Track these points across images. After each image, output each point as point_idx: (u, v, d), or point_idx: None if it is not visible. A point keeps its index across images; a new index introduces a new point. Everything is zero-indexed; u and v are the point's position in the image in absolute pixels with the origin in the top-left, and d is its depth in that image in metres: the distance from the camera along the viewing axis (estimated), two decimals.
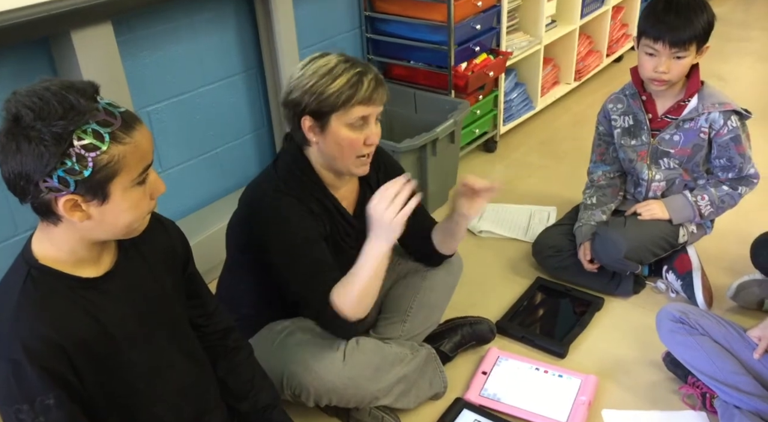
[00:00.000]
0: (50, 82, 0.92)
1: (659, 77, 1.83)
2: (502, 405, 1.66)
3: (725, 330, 1.55)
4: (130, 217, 0.99)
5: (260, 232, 1.46)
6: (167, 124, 2.12)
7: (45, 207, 0.95)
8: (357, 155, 1.43)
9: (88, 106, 0.91)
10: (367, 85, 1.37)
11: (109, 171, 0.93)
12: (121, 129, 0.93)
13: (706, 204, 1.93)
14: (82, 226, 0.96)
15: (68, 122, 0.89)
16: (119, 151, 0.93)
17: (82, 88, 0.93)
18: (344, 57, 1.41)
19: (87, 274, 1.03)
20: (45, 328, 0.95)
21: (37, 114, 0.88)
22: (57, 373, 0.96)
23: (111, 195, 0.95)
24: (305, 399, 1.50)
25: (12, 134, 0.89)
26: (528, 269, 2.19)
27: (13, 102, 0.90)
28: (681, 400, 1.66)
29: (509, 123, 3.01)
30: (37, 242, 1.01)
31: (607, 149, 2.10)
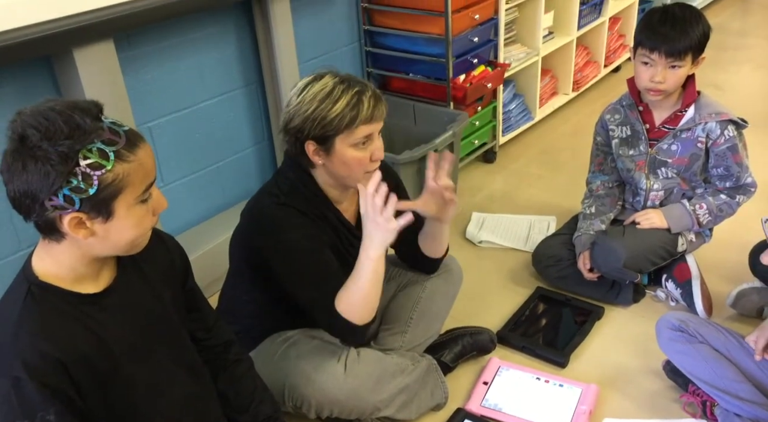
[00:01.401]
0: (55, 103, 0.94)
1: (655, 87, 1.85)
2: (503, 415, 1.66)
3: (725, 337, 1.56)
4: (133, 233, 1.00)
5: (262, 244, 1.46)
6: (168, 139, 2.14)
7: (49, 225, 0.96)
8: (365, 171, 1.45)
9: (93, 125, 0.93)
10: (368, 104, 1.38)
11: (114, 189, 0.94)
12: (126, 148, 0.95)
13: (704, 213, 1.94)
14: (86, 243, 0.98)
15: (74, 142, 0.91)
16: (123, 169, 0.95)
17: (87, 107, 0.95)
18: (339, 77, 1.41)
19: (87, 290, 1.04)
20: (45, 344, 0.96)
21: (44, 134, 0.90)
22: (57, 389, 0.96)
23: (115, 212, 0.96)
24: (306, 411, 1.51)
25: (18, 153, 0.91)
26: (528, 279, 2.19)
27: (18, 122, 0.92)
28: (682, 409, 1.66)
29: (508, 134, 3.03)
30: (38, 259, 1.02)
31: (606, 159, 2.11)
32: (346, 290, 1.40)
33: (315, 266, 1.45)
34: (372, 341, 1.73)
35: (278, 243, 1.45)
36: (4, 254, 1.82)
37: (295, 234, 1.44)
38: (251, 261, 1.53)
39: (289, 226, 1.45)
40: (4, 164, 0.93)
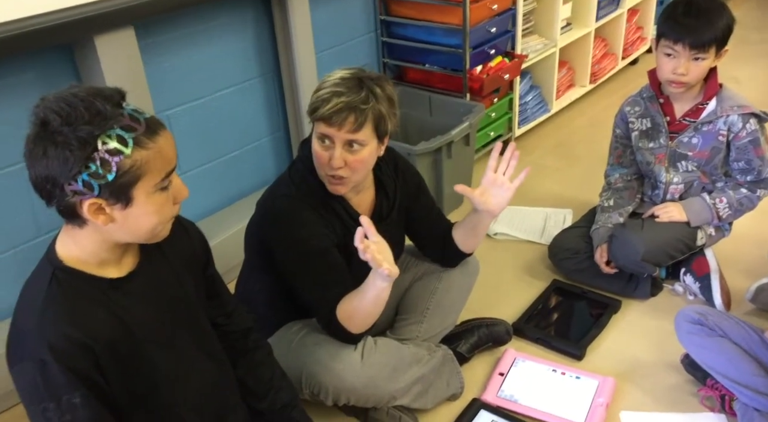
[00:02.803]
0: (78, 89, 0.94)
1: (678, 79, 1.83)
2: (519, 406, 1.66)
3: (744, 331, 1.55)
4: (153, 221, 1.01)
5: (271, 237, 1.48)
6: (186, 127, 2.15)
7: (70, 210, 0.97)
8: (325, 172, 1.45)
9: (113, 111, 0.93)
10: (332, 106, 1.36)
11: (133, 175, 0.95)
12: (145, 134, 0.95)
13: (724, 207, 1.93)
14: (106, 229, 0.98)
15: (93, 127, 0.91)
16: (142, 156, 0.95)
17: (109, 94, 0.95)
18: (356, 77, 1.40)
19: (110, 275, 1.05)
20: (70, 328, 0.97)
21: (65, 119, 0.91)
22: (82, 372, 0.97)
23: (134, 199, 0.97)
24: (324, 398, 1.51)
25: (39, 138, 0.92)
26: (544, 272, 2.18)
27: (41, 107, 0.93)
28: (700, 402, 1.65)
29: (524, 126, 3.02)
30: (62, 244, 1.03)
31: (625, 151, 2.09)
32: (349, 301, 1.41)
33: (320, 267, 1.45)
34: (388, 330, 1.74)
35: (286, 239, 1.46)
36: (24, 240, 1.84)
37: (305, 232, 1.45)
38: (263, 252, 1.53)
39: (299, 223, 1.45)
40: (26, 149, 0.94)
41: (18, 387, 0.98)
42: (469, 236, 1.67)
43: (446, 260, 1.75)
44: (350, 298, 1.41)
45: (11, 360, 0.99)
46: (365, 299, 1.38)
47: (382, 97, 1.41)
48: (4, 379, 1.01)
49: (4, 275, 1.81)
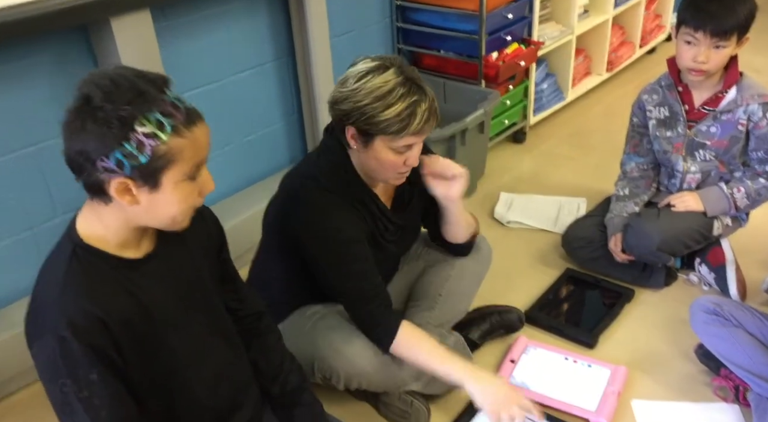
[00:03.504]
0: (125, 69, 0.95)
1: (698, 67, 1.80)
2: (530, 393, 1.66)
3: (760, 322, 1.53)
4: (176, 209, 1.01)
5: (302, 230, 1.46)
6: (201, 111, 2.14)
7: (97, 186, 0.97)
8: (396, 172, 1.44)
9: (156, 95, 0.94)
10: (420, 119, 1.34)
11: (165, 161, 0.95)
12: (183, 123, 0.95)
13: (742, 197, 1.90)
14: (130, 210, 0.99)
15: (134, 108, 0.92)
16: (177, 143, 0.95)
17: (154, 78, 0.96)
18: (403, 76, 1.35)
19: (129, 255, 1.05)
20: (90, 305, 0.98)
21: (107, 96, 0.91)
22: (100, 349, 0.98)
23: (162, 185, 0.97)
24: (335, 383, 1.52)
25: (80, 112, 0.93)
26: (557, 260, 2.18)
27: (86, 83, 0.93)
28: (713, 392, 1.64)
29: (539, 114, 2.99)
30: (83, 221, 1.04)
31: (641, 140, 2.07)
32: (418, 350, 1.44)
33: (353, 263, 1.45)
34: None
35: (317, 233, 1.44)
36: (40, 221, 1.85)
37: (337, 227, 1.44)
38: (286, 240, 1.52)
39: (332, 217, 1.44)
40: (65, 120, 0.95)
41: (37, 362, 0.99)
42: (448, 227, 1.66)
43: (450, 250, 1.75)
44: (424, 343, 1.44)
45: (31, 336, 1.00)
46: (434, 366, 1.43)
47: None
48: (22, 356, 1.02)
49: (21, 255, 1.83)
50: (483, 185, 2.65)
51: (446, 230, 1.67)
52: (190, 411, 1.14)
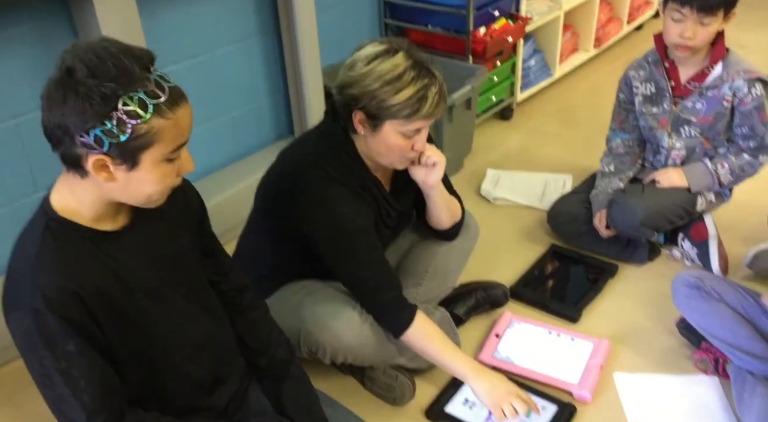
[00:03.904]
0: (110, 43, 0.93)
1: (684, 43, 1.80)
2: (514, 367, 1.68)
3: (741, 296, 1.56)
4: (152, 189, 1.00)
5: (308, 222, 1.44)
6: (183, 85, 2.03)
7: (74, 160, 0.96)
8: (403, 156, 1.44)
9: (141, 74, 0.92)
10: (431, 102, 1.34)
11: (145, 141, 0.94)
12: (166, 103, 0.94)
13: (725, 172, 1.92)
14: (106, 186, 0.98)
15: (118, 86, 0.90)
16: (159, 124, 0.94)
17: (139, 55, 0.94)
18: (413, 60, 1.34)
19: (104, 228, 1.05)
20: (63, 278, 0.98)
21: (91, 71, 0.90)
22: (77, 322, 0.98)
23: (140, 164, 0.96)
24: (321, 357, 1.53)
25: (62, 84, 0.91)
26: (542, 237, 2.19)
27: (69, 54, 0.92)
28: (694, 365, 1.67)
29: (526, 91, 2.98)
30: (57, 194, 1.03)
31: (627, 116, 2.07)
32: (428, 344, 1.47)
33: (366, 249, 1.45)
34: None
35: (329, 224, 1.43)
36: (20, 196, 1.83)
37: (345, 216, 1.43)
38: (280, 223, 1.51)
39: (340, 204, 1.43)
40: (46, 92, 0.93)
41: (14, 336, 0.99)
42: (430, 214, 1.66)
43: (438, 237, 1.74)
44: (437, 337, 1.47)
45: (7, 310, 1.00)
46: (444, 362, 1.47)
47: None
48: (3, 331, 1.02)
49: (1, 230, 1.81)
50: (470, 161, 2.65)
51: (429, 216, 1.67)
52: (173, 382, 1.15)
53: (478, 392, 1.43)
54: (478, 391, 1.43)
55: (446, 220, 1.67)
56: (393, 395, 1.62)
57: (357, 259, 1.45)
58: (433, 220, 1.67)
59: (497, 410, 1.41)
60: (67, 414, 1.01)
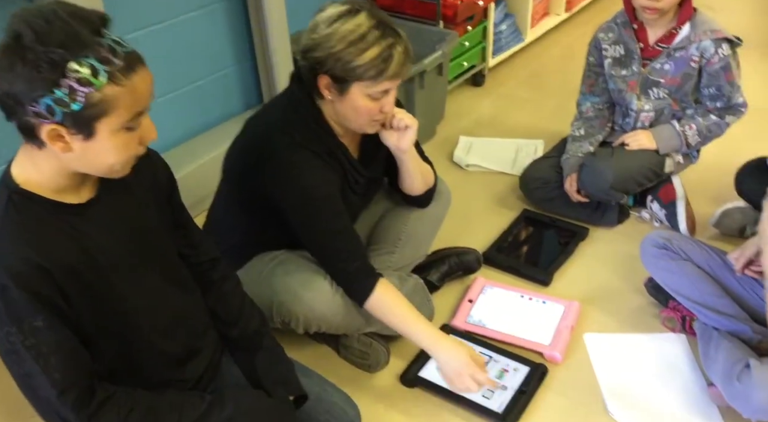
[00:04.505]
0: (60, 7, 0.89)
1: (652, 5, 1.79)
2: (487, 331, 1.70)
3: (707, 255, 1.58)
4: (112, 159, 0.97)
5: (275, 187, 1.43)
6: (145, 54, 1.97)
7: (29, 130, 0.93)
8: (372, 120, 1.42)
9: (91, 39, 0.88)
10: (397, 61, 1.31)
11: (99, 110, 0.90)
12: (121, 70, 0.90)
13: (693, 134, 1.94)
14: (64, 157, 0.95)
15: (66, 51, 0.86)
16: (113, 91, 0.90)
17: (91, 18, 0.90)
18: (375, 19, 1.32)
19: (69, 201, 1.02)
20: (29, 251, 0.95)
21: (39, 37, 0.86)
22: (44, 296, 0.96)
23: (97, 134, 0.93)
24: (295, 327, 1.52)
25: (9, 51, 0.87)
26: (514, 202, 2.20)
27: (17, 19, 0.87)
28: (661, 323, 1.71)
29: (498, 56, 2.96)
30: (18, 166, 0.99)
31: (597, 80, 2.07)
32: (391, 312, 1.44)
33: (335, 212, 1.44)
34: None
35: (296, 189, 1.41)
36: None
37: (312, 182, 1.42)
38: (249, 191, 1.49)
39: (307, 171, 1.41)
40: None
41: None
42: (403, 179, 1.64)
43: (411, 203, 1.73)
44: (395, 307, 1.45)
45: None
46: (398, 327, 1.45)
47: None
48: None
49: None
50: (442, 128, 2.64)
51: (402, 181, 1.66)
52: (145, 356, 1.14)
53: (439, 363, 1.43)
54: (439, 363, 1.43)
55: (419, 186, 1.66)
56: (368, 362, 1.63)
57: (322, 226, 1.44)
58: (406, 186, 1.66)
59: (452, 384, 1.41)
60: (36, 391, 0.99)
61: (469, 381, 1.38)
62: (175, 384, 1.18)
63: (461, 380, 1.38)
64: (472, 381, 1.38)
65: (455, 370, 1.39)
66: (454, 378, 1.39)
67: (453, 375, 1.39)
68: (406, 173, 1.62)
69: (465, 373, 1.38)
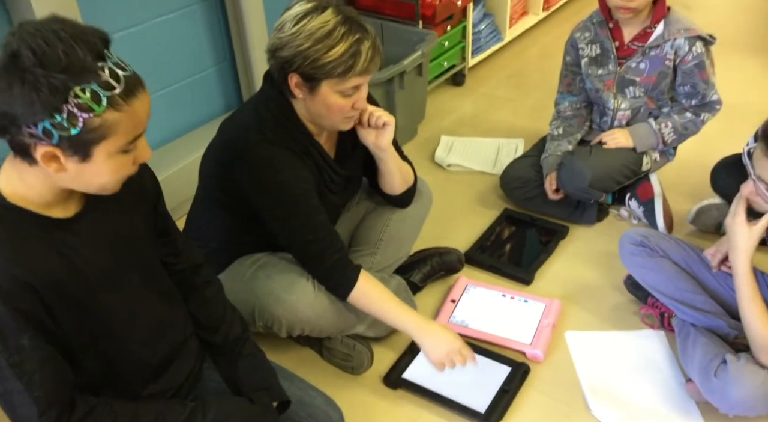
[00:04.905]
0: (62, 26, 0.87)
1: (626, 5, 1.82)
2: (470, 331, 1.71)
3: (684, 251, 1.60)
4: (106, 179, 0.96)
5: (249, 186, 1.42)
6: (123, 56, 2.01)
7: (22, 149, 0.91)
8: (344, 117, 1.41)
9: (94, 64, 0.86)
10: (365, 56, 1.31)
11: (98, 135, 0.89)
12: (121, 95, 0.89)
13: (669, 131, 1.96)
14: (56, 176, 0.94)
15: (69, 77, 0.85)
16: (113, 117, 0.89)
17: (93, 41, 0.88)
18: (342, 15, 1.32)
19: (56, 215, 1.00)
20: (17, 268, 0.93)
21: (39, 59, 0.84)
22: (30, 313, 0.94)
23: (93, 156, 0.92)
24: (277, 330, 1.52)
25: (6, 70, 0.85)
26: (496, 201, 2.21)
27: (17, 37, 0.85)
28: (641, 320, 1.73)
29: (477, 55, 2.97)
30: (5, 179, 0.97)
31: (574, 79, 2.09)
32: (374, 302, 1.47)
33: (310, 210, 1.43)
34: None
35: (268, 188, 1.41)
36: None
37: (289, 176, 1.41)
38: (226, 193, 1.49)
39: (281, 170, 1.41)
40: None
41: None
42: (382, 178, 1.65)
43: (392, 203, 1.74)
44: (383, 295, 1.48)
45: None
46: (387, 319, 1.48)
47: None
48: None
49: None
50: (423, 128, 2.64)
51: (382, 181, 1.66)
52: (127, 366, 1.13)
53: (425, 349, 1.47)
54: (424, 348, 1.47)
55: (399, 185, 1.66)
56: (351, 364, 1.63)
57: (299, 222, 1.43)
58: (386, 186, 1.67)
59: (440, 366, 1.46)
60: (16, 409, 0.97)
61: (459, 357, 1.44)
62: (157, 393, 1.18)
63: (451, 358, 1.44)
64: (460, 357, 1.45)
65: (445, 351, 1.44)
66: (444, 358, 1.44)
67: (442, 356, 1.44)
68: (386, 172, 1.62)
69: (453, 351, 1.44)
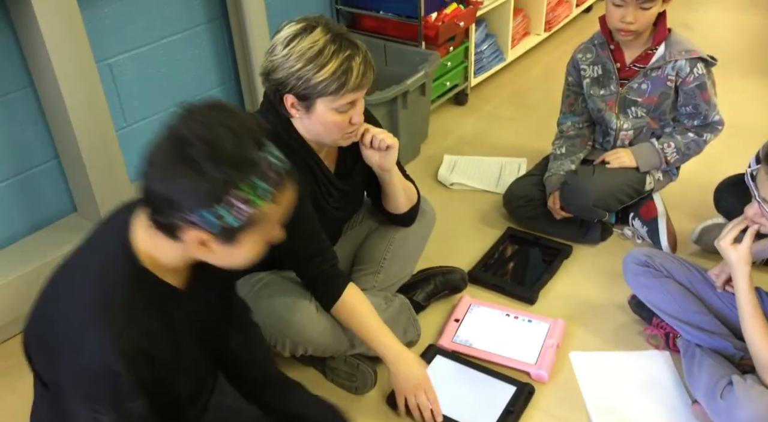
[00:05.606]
0: (225, 116, 0.89)
1: (626, 28, 1.83)
2: (474, 350, 1.70)
3: (689, 271, 1.60)
4: (244, 261, 0.98)
5: None
6: (130, 77, 2.05)
7: (169, 228, 0.91)
8: (343, 133, 1.42)
9: (257, 156, 0.89)
10: (357, 72, 1.32)
11: (253, 225, 0.91)
12: (279, 186, 0.91)
13: (672, 151, 1.97)
14: (197, 252, 0.94)
15: (237, 172, 0.87)
16: (270, 209, 0.92)
17: (255, 133, 0.90)
18: (331, 34, 1.32)
19: (172, 282, 1.01)
20: (142, 337, 0.93)
21: (209, 151, 0.85)
22: (147, 381, 0.94)
23: (241, 243, 0.93)
24: (281, 350, 1.52)
25: (173, 156, 0.87)
26: (499, 220, 2.21)
27: (187, 125, 0.87)
28: (645, 341, 1.72)
29: (480, 75, 3.00)
30: (141, 241, 0.96)
31: (576, 99, 2.11)
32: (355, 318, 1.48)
33: (300, 218, 1.40)
34: None
35: None
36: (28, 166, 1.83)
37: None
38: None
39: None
40: (155, 158, 0.88)
41: (71, 377, 0.93)
42: (386, 199, 1.66)
43: (394, 222, 1.74)
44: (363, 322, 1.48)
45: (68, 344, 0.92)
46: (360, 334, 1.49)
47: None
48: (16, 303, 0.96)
49: (10, 201, 1.77)
50: (426, 148, 2.65)
51: (385, 200, 1.67)
52: None
53: (394, 374, 1.48)
54: (392, 375, 1.48)
55: (403, 203, 1.67)
56: (355, 384, 1.62)
57: (292, 228, 1.43)
58: (390, 205, 1.67)
59: (401, 398, 1.48)
60: None
61: (423, 398, 1.46)
62: None
63: (417, 394, 1.46)
64: (424, 398, 1.46)
65: (414, 385, 1.46)
66: (409, 391, 1.46)
67: (410, 388, 1.47)
68: (390, 192, 1.63)
69: (419, 388, 1.46)
